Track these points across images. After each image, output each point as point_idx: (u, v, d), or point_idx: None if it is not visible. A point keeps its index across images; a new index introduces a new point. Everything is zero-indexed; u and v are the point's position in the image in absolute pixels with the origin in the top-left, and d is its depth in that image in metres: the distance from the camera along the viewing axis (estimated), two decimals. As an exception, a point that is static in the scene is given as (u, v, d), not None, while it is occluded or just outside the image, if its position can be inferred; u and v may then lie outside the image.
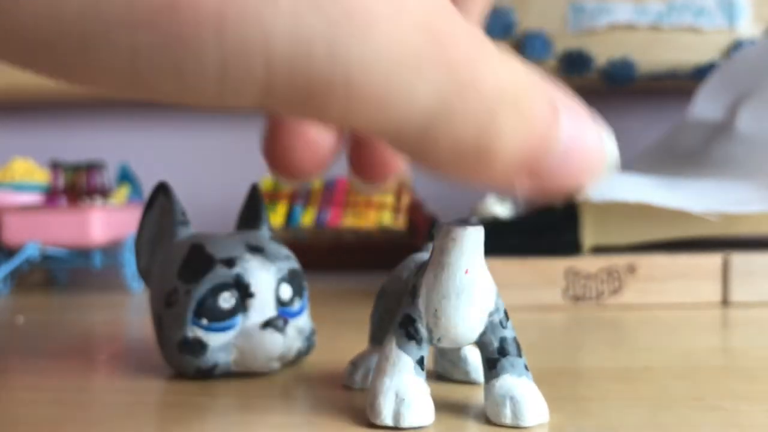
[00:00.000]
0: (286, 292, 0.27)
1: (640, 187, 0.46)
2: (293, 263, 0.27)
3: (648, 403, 0.22)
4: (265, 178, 0.64)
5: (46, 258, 0.53)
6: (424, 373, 0.21)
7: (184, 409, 0.23)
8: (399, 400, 0.20)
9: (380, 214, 0.60)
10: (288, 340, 0.26)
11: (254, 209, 0.30)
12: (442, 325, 0.20)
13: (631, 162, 0.63)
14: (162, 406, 0.24)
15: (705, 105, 0.60)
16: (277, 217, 0.62)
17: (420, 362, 0.21)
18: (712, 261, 0.42)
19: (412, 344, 0.21)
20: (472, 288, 0.20)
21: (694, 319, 0.38)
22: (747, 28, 0.70)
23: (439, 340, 0.21)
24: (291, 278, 0.27)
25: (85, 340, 0.36)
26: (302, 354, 0.27)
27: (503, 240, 0.44)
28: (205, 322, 0.25)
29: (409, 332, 0.21)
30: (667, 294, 0.42)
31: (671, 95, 0.72)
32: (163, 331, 0.26)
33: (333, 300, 0.46)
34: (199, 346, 0.25)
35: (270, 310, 0.26)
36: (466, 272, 0.20)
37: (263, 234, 0.29)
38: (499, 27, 0.71)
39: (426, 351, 0.21)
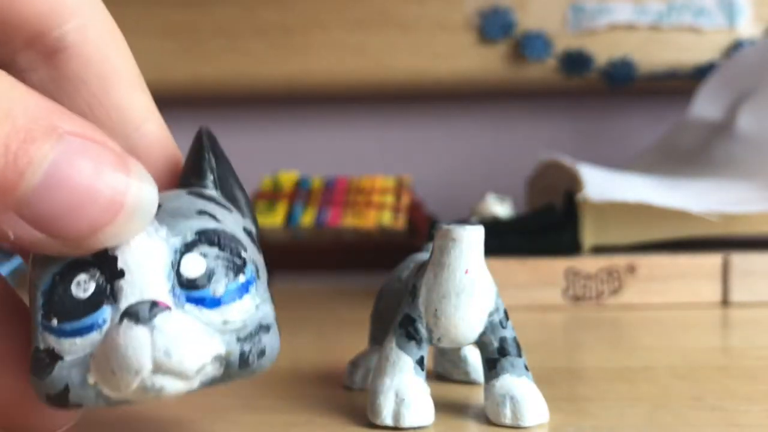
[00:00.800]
0: (196, 265, 0.17)
1: (640, 187, 0.46)
2: (213, 222, 0.17)
3: (648, 403, 0.22)
4: (266, 177, 0.64)
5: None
6: (424, 373, 0.21)
7: (184, 409, 0.23)
8: (399, 400, 0.20)
9: (380, 214, 0.60)
10: (163, 339, 0.15)
11: (195, 159, 0.20)
12: (442, 325, 0.20)
13: (631, 162, 0.63)
14: (161, 406, 0.24)
15: (705, 105, 0.60)
16: (277, 216, 0.62)
17: (420, 362, 0.21)
18: (712, 261, 0.42)
19: (412, 344, 0.21)
20: (472, 288, 0.20)
21: (694, 319, 0.38)
22: (747, 28, 0.70)
23: (439, 340, 0.21)
24: (207, 244, 0.17)
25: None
26: (234, 363, 0.16)
27: (503, 240, 0.44)
28: (55, 322, 0.16)
29: (409, 332, 0.21)
30: (667, 294, 0.42)
31: (671, 95, 0.72)
32: None
33: (333, 300, 0.46)
34: (47, 361, 0.16)
35: (159, 295, 0.16)
36: (466, 272, 0.20)
37: (208, 191, 0.19)
38: (499, 27, 0.71)
39: (426, 351, 0.21)
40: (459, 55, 0.72)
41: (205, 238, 0.17)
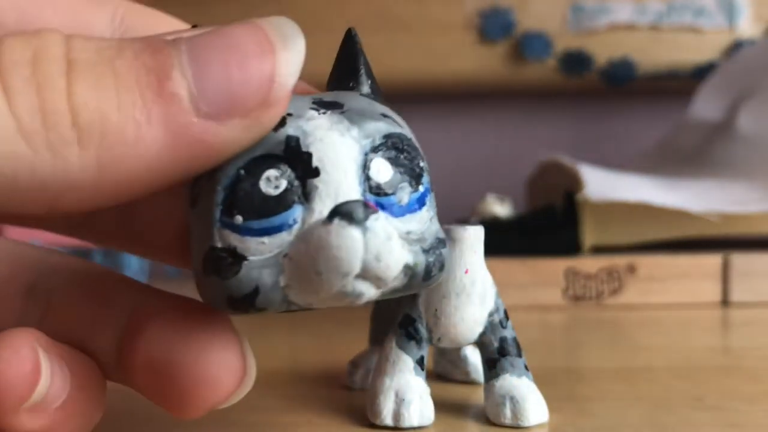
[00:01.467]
0: (384, 170, 0.16)
1: (640, 187, 0.46)
2: (398, 127, 0.16)
3: (648, 403, 0.22)
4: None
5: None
6: (424, 373, 0.21)
7: (184, 409, 0.23)
8: (399, 400, 0.20)
9: (380, 214, 0.60)
10: (375, 242, 0.14)
11: (350, 62, 0.19)
12: (442, 324, 0.20)
13: (631, 162, 0.63)
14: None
15: (705, 105, 0.60)
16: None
17: (420, 362, 0.21)
18: (712, 261, 0.42)
19: (412, 344, 0.21)
20: (472, 288, 0.20)
21: (694, 319, 0.38)
22: (747, 28, 0.70)
23: (439, 340, 0.21)
24: (393, 150, 0.16)
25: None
26: (420, 274, 0.15)
27: (503, 240, 0.44)
28: (239, 220, 0.15)
29: (409, 332, 0.21)
30: (667, 294, 0.42)
31: (671, 95, 0.72)
32: (191, 248, 0.16)
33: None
34: (230, 260, 0.15)
35: (351, 197, 0.15)
36: (466, 272, 0.20)
37: (361, 94, 0.18)
38: (499, 27, 0.71)
39: (426, 351, 0.21)
40: (459, 55, 0.72)
41: (392, 142, 0.16)
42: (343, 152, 0.15)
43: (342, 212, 0.14)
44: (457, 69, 0.72)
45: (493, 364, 0.21)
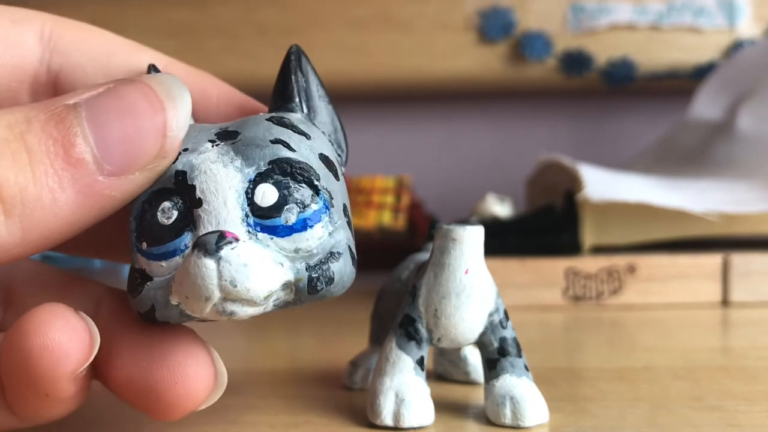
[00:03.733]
0: (268, 195, 0.17)
1: (640, 187, 0.46)
2: (288, 152, 0.17)
3: (648, 403, 0.22)
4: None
5: (45, 258, 0.53)
6: (424, 373, 0.21)
7: (184, 409, 0.23)
8: (399, 400, 0.20)
9: (380, 214, 0.60)
10: (228, 269, 0.16)
11: (282, 81, 0.20)
12: (442, 325, 0.20)
13: (631, 162, 0.63)
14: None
15: (705, 105, 0.60)
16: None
17: (420, 362, 0.21)
18: (712, 261, 0.42)
19: (412, 344, 0.21)
20: (472, 288, 0.20)
21: (694, 319, 0.38)
22: (747, 28, 0.70)
23: (439, 340, 0.21)
24: (280, 174, 0.17)
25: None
26: (303, 289, 0.17)
27: (503, 240, 0.44)
28: (144, 246, 0.17)
29: (409, 332, 0.21)
30: (667, 294, 0.42)
31: (671, 95, 0.72)
32: None
33: (333, 300, 0.46)
34: (139, 280, 0.17)
35: (232, 225, 0.17)
36: (466, 272, 0.20)
37: (290, 117, 0.19)
38: (499, 27, 0.71)
39: (426, 351, 0.21)
40: (459, 55, 0.72)
41: (278, 167, 0.17)
42: (223, 183, 0.17)
43: (198, 244, 0.16)
44: (457, 69, 0.72)
45: (493, 364, 0.21)
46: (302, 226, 0.17)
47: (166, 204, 0.17)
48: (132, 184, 0.16)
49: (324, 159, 0.18)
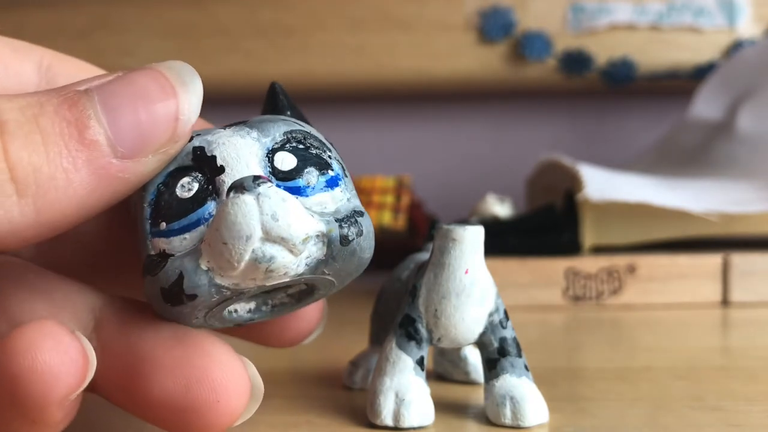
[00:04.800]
0: (287, 160, 0.17)
1: (640, 187, 0.46)
2: (298, 126, 0.18)
3: (648, 403, 0.22)
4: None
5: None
6: (424, 373, 0.21)
7: (184, 409, 0.23)
8: (399, 401, 0.20)
9: (380, 214, 0.60)
10: (269, 203, 0.16)
11: (271, 105, 0.20)
12: (442, 325, 0.20)
13: (631, 162, 0.63)
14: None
15: (705, 105, 0.60)
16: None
17: (420, 362, 0.21)
18: (712, 261, 0.42)
19: (412, 344, 0.21)
20: (472, 288, 0.20)
21: (694, 319, 0.38)
22: (747, 28, 0.70)
23: (439, 340, 0.21)
24: (295, 142, 0.18)
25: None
26: (336, 240, 0.17)
27: (503, 240, 0.44)
28: (163, 225, 0.17)
29: (409, 332, 0.21)
30: (667, 294, 0.42)
31: (671, 95, 0.72)
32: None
33: (333, 300, 0.46)
34: (159, 260, 0.17)
35: None
36: (466, 272, 0.20)
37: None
38: (499, 27, 0.71)
39: (426, 351, 0.21)
40: (459, 55, 0.72)
41: (293, 137, 0.18)
42: (244, 149, 0.17)
43: (234, 186, 0.16)
44: (457, 69, 0.72)
45: (493, 364, 0.21)
46: (324, 186, 0.17)
47: (185, 179, 0.17)
48: (145, 167, 0.16)
49: (329, 142, 0.19)
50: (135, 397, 0.17)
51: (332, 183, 0.18)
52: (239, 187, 0.16)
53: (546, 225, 0.46)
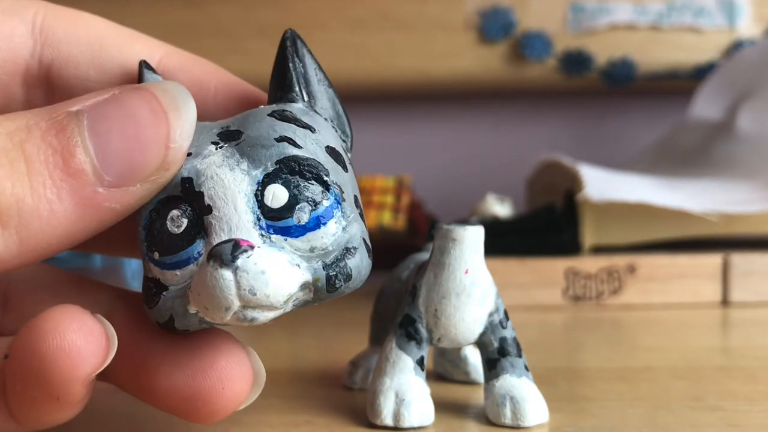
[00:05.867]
0: (278, 195, 0.17)
1: (640, 187, 0.46)
2: (294, 149, 0.17)
3: (648, 403, 0.22)
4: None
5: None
6: (424, 373, 0.21)
7: (184, 409, 0.23)
8: (399, 400, 0.20)
9: (380, 214, 0.60)
10: (246, 278, 0.16)
11: (280, 71, 0.19)
12: (442, 325, 0.20)
13: (631, 162, 0.63)
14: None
15: (705, 105, 0.60)
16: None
17: (420, 362, 0.21)
18: (712, 261, 0.42)
19: (412, 344, 0.21)
20: (472, 288, 0.20)
21: (694, 319, 0.38)
22: (747, 28, 0.70)
23: (439, 340, 0.21)
24: (288, 173, 0.17)
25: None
26: (322, 288, 0.17)
27: (503, 240, 0.44)
28: (156, 255, 0.17)
29: (409, 332, 0.21)
30: (667, 294, 0.42)
31: (671, 95, 0.72)
32: None
33: (333, 300, 0.46)
34: (154, 290, 0.17)
35: (244, 230, 0.16)
36: (466, 272, 0.20)
37: (292, 108, 0.19)
38: (499, 27, 0.71)
39: (426, 351, 0.21)
40: (459, 55, 0.72)
41: (285, 166, 0.17)
42: (232, 187, 0.16)
43: (213, 255, 0.16)
44: (457, 69, 0.72)
45: (493, 364, 0.21)
46: (315, 224, 0.17)
47: (175, 212, 0.17)
48: (133, 196, 0.16)
49: (331, 151, 0.18)
50: (144, 386, 0.18)
51: (325, 217, 0.17)
52: (217, 257, 0.16)
53: (546, 225, 0.46)
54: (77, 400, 0.16)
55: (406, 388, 0.20)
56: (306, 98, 0.19)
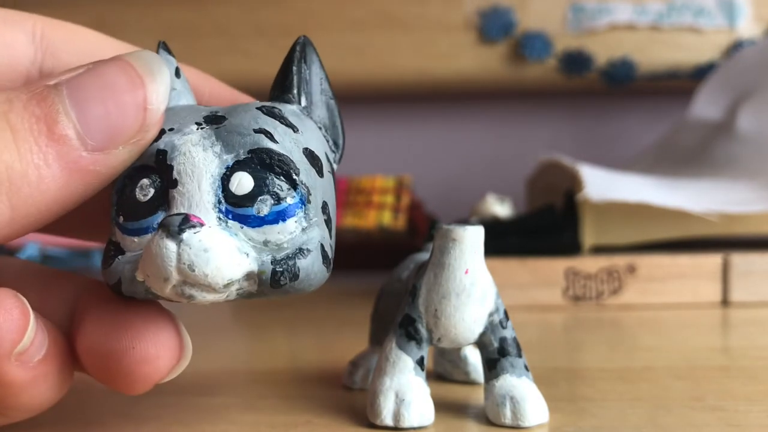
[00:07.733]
0: (244, 183, 0.17)
1: (640, 187, 0.46)
2: (270, 143, 0.17)
3: (648, 403, 0.22)
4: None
5: (46, 258, 0.53)
6: (424, 373, 0.21)
7: (184, 410, 0.23)
8: (399, 401, 0.20)
9: (380, 214, 0.60)
10: (188, 252, 0.16)
11: (283, 71, 0.20)
12: (442, 325, 0.20)
13: (631, 162, 0.63)
14: (161, 406, 0.24)
15: (705, 105, 0.60)
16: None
17: (420, 362, 0.21)
18: (712, 261, 0.42)
19: (412, 344, 0.21)
20: (472, 288, 0.20)
21: (694, 319, 0.38)
22: (747, 28, 0.70)
23: (439, 340, 0.21)
24: (258, 164, 0.17)
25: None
26: (266, 282, 0.17)
27: (503, 240, 0.44)
28: (121, 219, 0.17)
29: (409, 332, 0.21)
30: (667, 294, 0.42)
31: (671, 95, 0.72)
32: None
33: (333, 300, 0.46)
34: (112, 253, 0.18)
35: (203, 209, 0.17)
36: (466, 272, 0.20)
37: (283, 108, 0.19)
38: (499, 27, 0.71)
39: (426, 351, 0.21)
40: (459, 55, 0.72)
41: (257, 157, 0.17)
42: (200, 166, 0.17)
43: (162, 224, 0.16)
44: (457, 69, 0.72)
45: (493, 364, 0.21)
46: (274, 218, 0.17)
47: (145, 181, 0.17)
48: (116, 158, 0.16)
49: (309, 154, 0.18)
50: (76, 351, 0.18)
51: (285, 214, 0.17)
52: (165, 227, 0.16)
53: (546, 225, 0.46)
54: (17, 381, 0.16)
55: (406, 388, 0.20)
56: (303, 103, 0.19)
